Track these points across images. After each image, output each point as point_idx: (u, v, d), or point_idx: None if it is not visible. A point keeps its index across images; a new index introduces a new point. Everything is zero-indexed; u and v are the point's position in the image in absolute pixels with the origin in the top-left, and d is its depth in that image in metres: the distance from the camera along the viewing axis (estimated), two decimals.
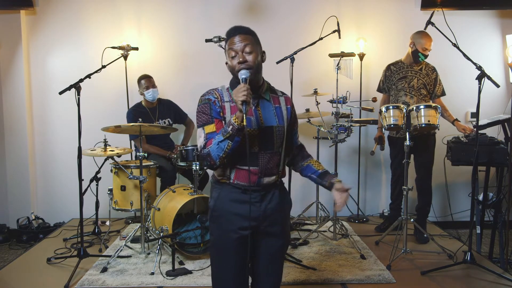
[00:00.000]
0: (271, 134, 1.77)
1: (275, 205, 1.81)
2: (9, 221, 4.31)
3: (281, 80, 3.67)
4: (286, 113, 1.85)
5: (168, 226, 3.12)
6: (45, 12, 4.35)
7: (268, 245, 1.83)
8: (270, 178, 1.78)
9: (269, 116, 1.79)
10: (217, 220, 1.81)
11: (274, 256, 1.85)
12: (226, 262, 1.79)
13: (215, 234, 1.83)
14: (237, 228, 1.75)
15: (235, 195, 1.77)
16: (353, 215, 4.50)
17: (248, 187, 1.74)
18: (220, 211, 1.79)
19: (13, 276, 3.06)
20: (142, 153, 3.29)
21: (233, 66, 1.74)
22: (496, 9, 4.48)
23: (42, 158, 4.46)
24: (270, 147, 1.77)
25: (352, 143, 4.51)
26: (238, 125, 1.61)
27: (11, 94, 4.30)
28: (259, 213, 1.77)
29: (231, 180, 1.76)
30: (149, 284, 2.85)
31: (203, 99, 1.78)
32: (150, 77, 4.02)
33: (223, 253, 1.79)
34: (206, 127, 1.74)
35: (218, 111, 1.75)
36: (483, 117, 3.66)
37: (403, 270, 3.10)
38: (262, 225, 1.79)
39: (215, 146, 1.67)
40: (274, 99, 1.84)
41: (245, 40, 1.72)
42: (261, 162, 1.75)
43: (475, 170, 3.12)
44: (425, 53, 3.62)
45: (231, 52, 1.74)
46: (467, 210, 4.39)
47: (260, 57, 1.78)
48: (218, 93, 1.79)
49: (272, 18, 4.45)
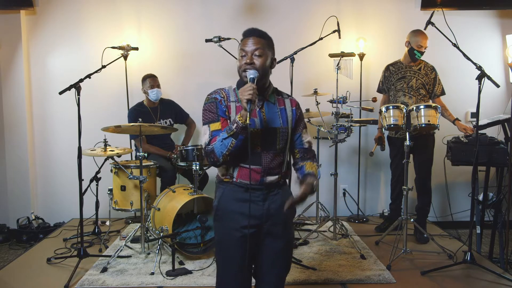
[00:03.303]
0: (274, 135, 1.79)
1: (278, 205, 1.80)
2: (9, 221, 4.31)
3: (281, 80, 3.66)
4: (291, 115, 1.86)
5: (168, 226, 3.12)
6: (45, 12, 4.35)
7: (271, 245, 1.82)
8: (272, 177, 1.80)
9: (274, 117, 1.81)
10: (221, 219, 1.83)
11: (277, 256, 1.84)
12: (230, 261, 1.80)
13: (219, 233, 1.85)
14: (240, 226, 1.76)
15: (239, 194, 1.78)
16: (353, 215, 4.50)
17: (249, 186, 1.75)
18: (223, 210, 1.81)
19: (13, 276, 3.06)
20: (142, 153, 3.29)
21: (240, 66, 1.78)
22: (496, 9, 4.48)
23: (42, 158, 4.46)
24: (273, 147, 1.79)
25: (352, 143, 4.51)
26: (242, 123, 1.64)
27: (11, 94, 4.30)
28: (262, 212, 1.78)
29: (234, 178, 1.78)
30: (149, 284, 2.85)
31: (210, 98, 1.81)
32: (155, 77, 4.03)
33: (227, 252, 1.81)
34: (211, 124, 1.76)
35: (224, 110, 1.78)
36: (483, 117, 3.66)
37: (403, 270, 3.11)
38: (265, 224, 1.80)
39: (219, 143, 1.69)
40: (279, 101, 1.86)
41: (258, 43, 1.75)
42: (264, 161, 1.77)
43: (475, 170, 3.12)
44: (420, 50, 3.64)
45: (241, 52, 1.77)
46: (467, 210, 4.39)
47: (270, 62, 1.80)
48: (225, 93, 1.82)
49: (272, 18, 4.45)
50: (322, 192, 4.31)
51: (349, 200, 4.60)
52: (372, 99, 3.78)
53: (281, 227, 1.82)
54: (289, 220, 1.89)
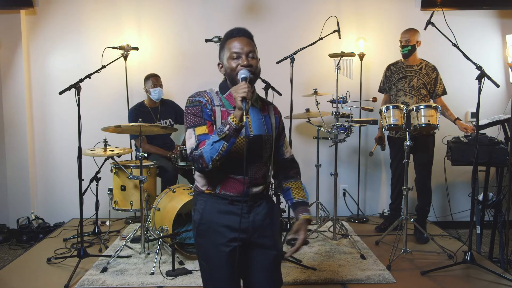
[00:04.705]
0: (260, 143, 1.70)
1: (264, 215, 1.73)
2: (9, 221, 4.31)
3: (281, 80, 3.68)
4: (275, 122, 1.78)
5: (168, 226, 3.12)
6: (45, 12, 4.35)
7: (260, 257, 1.73)
8: (257, 188, 1.71)
9: (258, 124, 1.71)
10: (205, 234, 1.70)
11: (267, 269, 1.74)
12: (219, 277, 1.69)
13: (204, 249, 1.71)
14: (227, 241, 1.66)
15: (222, 206, 1.67)
16: (353, 215, 4.50)
17: (235, 198, 1.66)
18: (208, 224, 1.69)
19: (13, 276, 3.06)
20: (142, 153, 3.29)
21: (233, 68, 1.65)
22: (496, 9, 4.48)
23: (42, 158, 4.46)
24: (259, 156, 1.70)
25: (352, 143, 4.51)
26: (236, 124, 1.53)
27: (11, 94, 4.30)
28: (248, 224, 1.69)
29: (217, 190, 1.68)
30: (149, 284, 2.85)
31: (193, 100, 1.68)
32: (158, 76, 4.04)
33: (215, 268, 1.69)
34: (197, 128, 1.64)
35: (210, 114, 1.66)
36: (483, 117, 3.67)
37: (403, 270, 3.10)
38: (252, 237, 1.71)
39: (209, 147, 1.56)
40: (263, 108, 1.77)
41: (250, 44, 1.67)
42: (250, 172, 1.67)
43: (475, 170, 3.12)
44: (400, 45, 3.72)
45: (232, 54, 1.65)
46: (467, 210, 4.39)
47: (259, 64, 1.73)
48: (208, 96, 1.70)
49: (272, 18, 4.45)
50: (322, 192, 4.31)
51: (349, 200, 4.60)
52: (372, 99, 3.78)
53: (269, 238, 1.74)
54: (276, 230, 1.79)
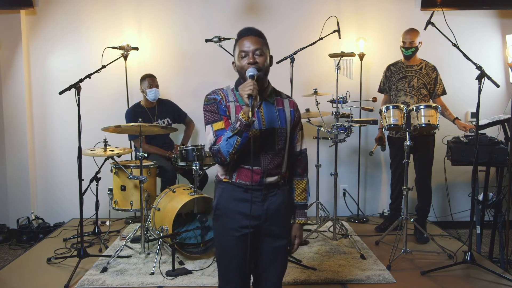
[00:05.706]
0: (273, 135, 1.79)
1: (277, 205, 1.82)
2: (9, 221, 4.30)
3: (281, 80, 3.67)
4: (290, 116, 1.86)
5: (168, 226, 3.12)
6: (45, 12, 4.35)
7: (270, 245, 1.84)
8: (272, 178, 1.80)
9: (272, 118, 1.81)
10: (219, 219, 1.83)
11: (276, 257, 1.86)
12: (229, 260, 1.81)
13: (218, 232, 1.86)
14: (239, 226, 1.77)
15: (238, 194, 1.79)
16: (353, 215, 4.50)
17: (249, 187, 1.76)
18: (222, 210, 1.82)
19: (13, 276, 3.06)
20: (142, 153, 3.29)
21: (242, 66, 1.77)
22: (496, 9, 4.48)
23: (42, 158, 4.46)
24: (272, 148, 1.79)
25: (352, 143, 4.51)
26: (245, 120, 1.64)
27: (11, 94, 4.29)
28: (262, 212, 1.79)
29: (234, 179, 1.79)
30: (149, 284, 2.85)
31: (209, 98, 1.81)
32: (154, 76, 4.04)
33: (226, 251, 1.82)
34: (214, 124, 1.77)
35: (225, 110, 1.78)
36: (483, 117, 3.66)
37: (403, 270, 3.11)
38: (264, 224, 1.81)
39: (225, 143, 1.70)
40: (277, 102, 1.86)
41: (257, 43, 1.76)
42: (263, 163, 1.77)
43: (475, 170, 3.12)
44: (404, 46, 3.69)
45: (241, 53, 1.76)
46: (467, 210, 4.39)
47: (269, 61, 1.81)
48: (223, 93, 1.82)
49: (272, 18, 4.45)
50: (322, 192, 4.30)
51: (349, 200, 4.60)
52: (372, 99, 3.78)
53: (280, 227, 1.84)
54: (287, 220, 1.90)
